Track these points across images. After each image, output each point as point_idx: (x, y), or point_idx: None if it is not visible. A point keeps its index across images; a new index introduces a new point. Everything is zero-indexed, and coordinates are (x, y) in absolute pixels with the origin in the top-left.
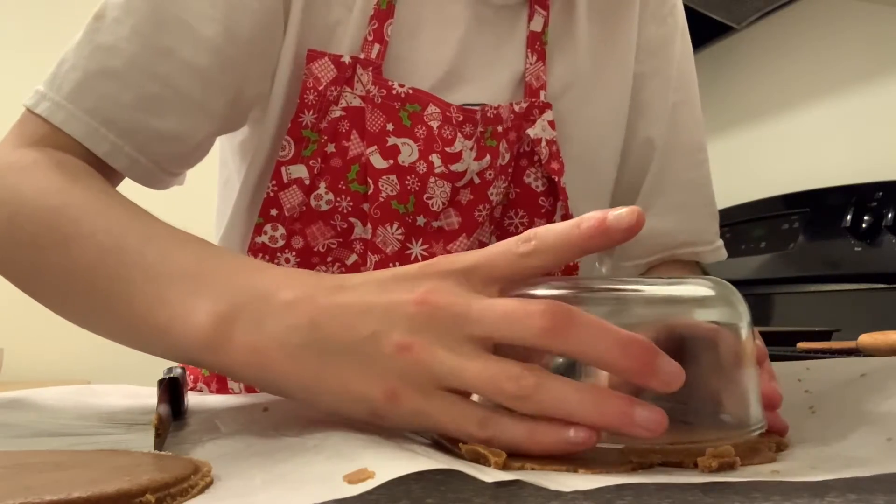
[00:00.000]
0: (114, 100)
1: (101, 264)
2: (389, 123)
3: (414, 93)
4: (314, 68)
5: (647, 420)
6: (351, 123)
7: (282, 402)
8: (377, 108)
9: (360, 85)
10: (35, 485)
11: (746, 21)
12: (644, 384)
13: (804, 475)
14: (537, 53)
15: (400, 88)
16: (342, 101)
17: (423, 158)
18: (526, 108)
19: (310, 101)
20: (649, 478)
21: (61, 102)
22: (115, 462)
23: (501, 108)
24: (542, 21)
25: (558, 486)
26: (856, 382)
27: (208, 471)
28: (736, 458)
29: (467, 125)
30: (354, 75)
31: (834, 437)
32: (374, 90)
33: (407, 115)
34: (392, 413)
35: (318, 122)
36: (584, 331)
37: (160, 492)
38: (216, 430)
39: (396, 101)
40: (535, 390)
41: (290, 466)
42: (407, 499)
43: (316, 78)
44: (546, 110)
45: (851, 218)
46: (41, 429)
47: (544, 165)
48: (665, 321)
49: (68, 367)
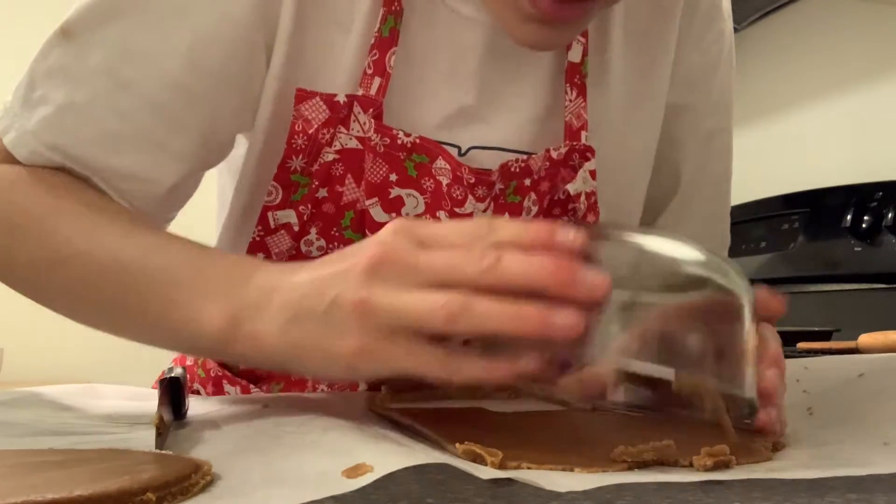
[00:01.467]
0: (75, 135)
1: (103, 280)
2: (393, 174)
3: (421, 142)
4: (304, 109)
5: (565, 321)
6: (346, 167)
7: (280, 399)
8: (379, 157)
9: (356, 125)
10: (38, 483)
11: (746, 21)
12: (569, 295)
13: (801, 474)
14: (577, 88)
15: (405, 138)
16: (336, 143)
17: (429, 213)
18: (566, 153)
19: (298, 145)
20: (647, 477)
21: (25, 136)
22: (117, 461)
23: (532, 159)
24: (581, 50)
25: (554, 486)
26: (854, 383)
27: (209, 469)
28: (731, 457)
29: (480, 188)
30: (351, 115)
31: (831, 438)
32: (376, 138)
33: (413, 166)
34: (364, 365)
35: (309, 165)
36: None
37: (161, 490)
38: (217, 428)
39: (402, 150)
40: (462, 311)
41: (288, 463)
42: (407, 499)
43: (306, 120)
44: (588, 157)
45: (851, 218)
46: (43, 428)
47: (581, 219)
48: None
49: (68, 367)
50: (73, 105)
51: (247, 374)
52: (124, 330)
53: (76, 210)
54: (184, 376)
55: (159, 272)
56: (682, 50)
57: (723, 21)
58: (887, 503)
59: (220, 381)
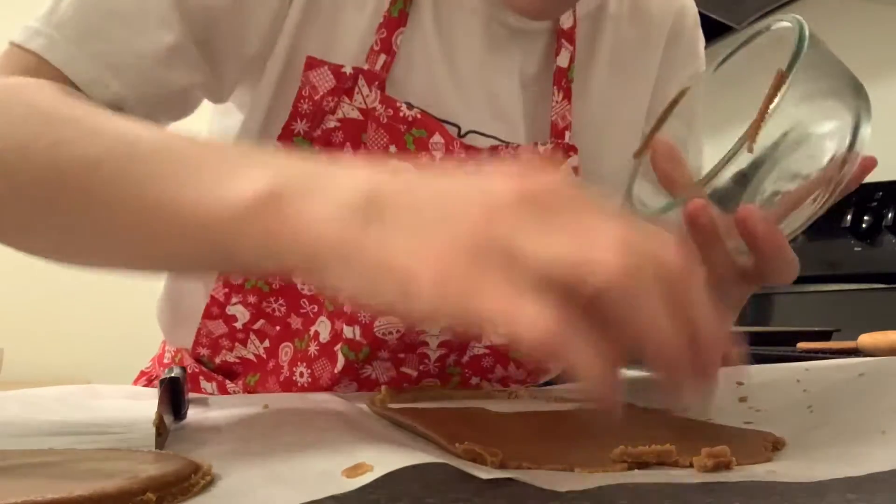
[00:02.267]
0: (125, 45)
1: (107, 155)
2: (392, 145)
3: (422, 117)
4: (312, 76)
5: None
6: (345, 135)
7: (280, 398)
8: (382, 127)
9: (359, 97)
10: (38, 484)
11: (746, 21)
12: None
13: (801, 475)
14: (563, 91)
15: (408, 111)
16: (339, 111)
17: None
18: (550, 150)
19: (304, 110)
20: (647, 477)
21: (60, 42)
22: (117, 461)
23: (521, 149)
24: (569, 56)
25: (554, 486)
26: (854, 382)
27: (209, 469)
28: (732, 458)
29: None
30: (355, 87)
31: (830, 436)
32: (380, 109)
33: (412, 140)
34: (441, 299)
35: (312, 130)
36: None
37: (161, 491)
38: (217, 428)
39: (403, 123)
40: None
41: (288, 464)
42: (407, 498)
43: (313, 87)
44: (570, 154)
45: (851, 218)
46: (43, 428)
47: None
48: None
49: (68, 367)
50: (117, 13)
51: (222, 370)
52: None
53: (85, 104)
54: (183, 376)
55: (181, 149)
56: (662, 78)
57: (699, 61)
58: (887, 503)
59: (197, 377)
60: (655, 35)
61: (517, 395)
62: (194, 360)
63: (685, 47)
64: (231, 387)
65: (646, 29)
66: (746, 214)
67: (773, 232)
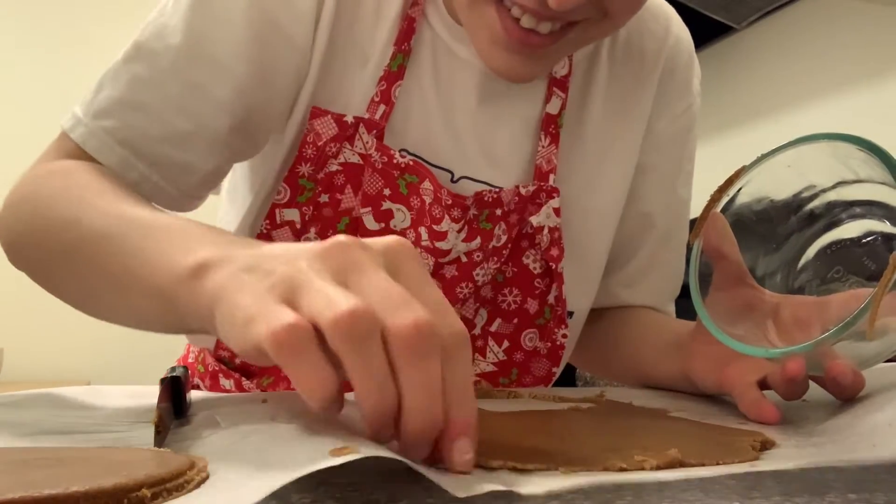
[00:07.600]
0: (143, 132)
1: (108, 232)
2: (387, 189)
3: (414, 164)
4: (316, 125)
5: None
6: (346, 178)
7: (279, 395)
8: (377, 172)
9: (360, 143)
10: (36, 480)
11: (746, 21)
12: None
13: (793, 465)
14: (551, 136)
15: (401, 159)
16: (341, 156)
17: (413, 228)
18: (533, 191)
19: (308, 154)
20: (647, 477)
21: (95, 130)
22: (114, 458)
23: (503, 192)
24: (560, 104)
25: (554, 486)
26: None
27: (204, 466)
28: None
29: (456, 209)
30: (356, 133)
31: (820, 438)
32: (376, 156)
33: (405, 184)
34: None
35: (316, 173)
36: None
37: (156, 487)
38: (216, 425)
39: (396, 169)
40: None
41: (281, 452)
42: (407, 499)
43: (317, 133)
44: (554, 196)
45: None
46: (44, 427)
47: (544, 252)
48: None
49: (68, 367)
50: (141, 104)
51: (241, 369)
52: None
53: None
54: (185, 375)
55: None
56: (655, 112)
57: (692, 96)
58: (887, 503)
59: (217, 374)
60: (649, 72)
61: (517, 395)
62: (216, 360)
63: (679, 82)
64: (247, 384)
65: (640, 66)
66: (838, 373)
67: (859, 383)
